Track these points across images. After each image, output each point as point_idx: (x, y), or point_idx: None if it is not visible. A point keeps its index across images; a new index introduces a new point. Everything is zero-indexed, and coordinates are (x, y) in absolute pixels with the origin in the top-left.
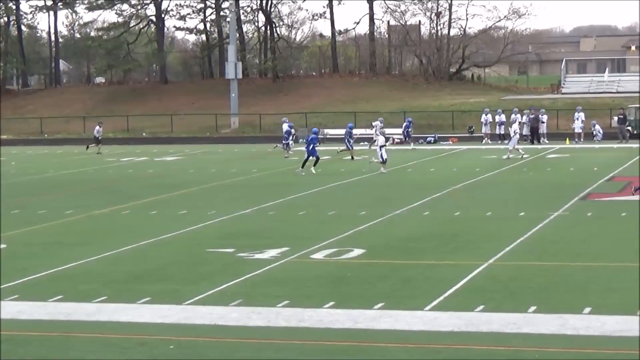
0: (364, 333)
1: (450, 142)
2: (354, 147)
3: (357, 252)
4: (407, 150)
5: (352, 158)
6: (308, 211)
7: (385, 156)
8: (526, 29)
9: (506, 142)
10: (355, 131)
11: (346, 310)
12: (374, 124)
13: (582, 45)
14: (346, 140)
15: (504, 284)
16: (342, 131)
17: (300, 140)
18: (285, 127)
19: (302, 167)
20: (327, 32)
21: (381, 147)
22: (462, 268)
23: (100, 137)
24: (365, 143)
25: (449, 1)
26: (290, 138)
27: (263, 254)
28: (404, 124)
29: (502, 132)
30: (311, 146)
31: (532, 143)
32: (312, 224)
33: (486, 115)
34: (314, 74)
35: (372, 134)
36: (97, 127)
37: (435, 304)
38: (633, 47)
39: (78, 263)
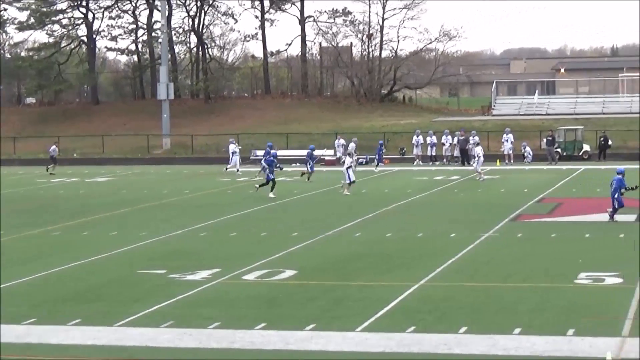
0: (296, 354)
1: (382, 163)
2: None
3: (289, 273)
4: (338, 172)
5: (308, 179)
6: (239, 232)
7: (353, 177)
8: (457, 51)
9: (437, 163)
10: (285, 153)
11: (277, 331)
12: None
13: (513, 68)
14: (306, 162)
15: (435, 304)
16: (281, 152)
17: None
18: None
19: (272, 190)
20: (259, 54)
21: (348, 168)
22: (393, 289)
23: (56, 156)
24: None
25: (381, 23)
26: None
27: (195, 275)
28: (378, 146)
29: (434, 154)
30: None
31: (463, 164)
32: (243, 245)
33: (417, 136)
34: (246, 95)
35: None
36: (53, 147)
37: (367, 325)
38: (562, 70)
39: (7, 285)
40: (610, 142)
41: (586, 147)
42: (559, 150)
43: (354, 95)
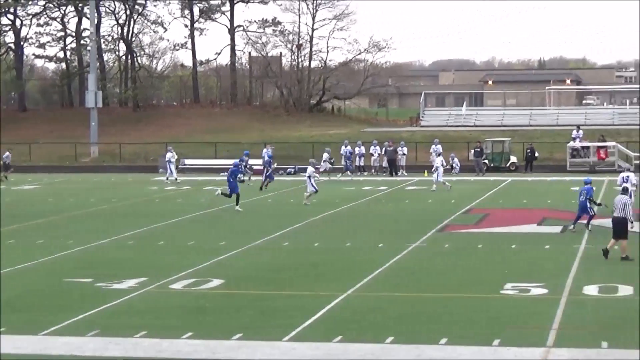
0: None
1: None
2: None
3: (216, 282)
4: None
5: (262, 188)
6: (167, 241)
7: (316, 187)
8: (386, 62)
9: (366, 173)
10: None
11: (204, 340)
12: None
13: (441, 79)
14: (264, 170)
15: (362, 314)
16: (203, 162)
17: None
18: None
19: (237, 203)
20: (189, 62)
21: (309, 177)
22: (321, 299)
23: (9, 163)
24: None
25: (310, 33)
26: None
27: (121, 284)
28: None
29: (362, 164)
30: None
31: (391, 175)
32: (171, 254)
33: (346, 147)
34: (175, 103)
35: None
36: (7, 153)
37: (294, 335)
38: (490, 82)
39: None
40: (537, 154)
41: (513, 159)
42: (486, 161)
43: (283, 105)
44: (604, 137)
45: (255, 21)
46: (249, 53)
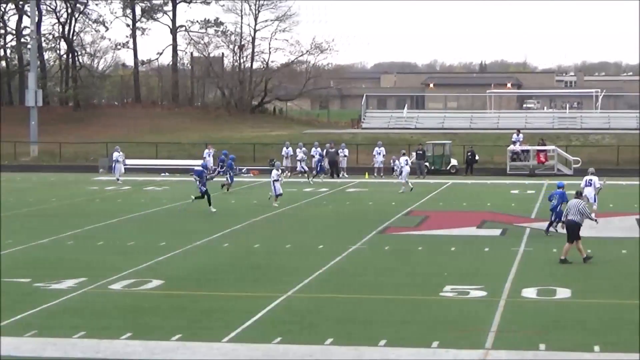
0: None
1: (251, 175)
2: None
3: (156, 283)
4: (209, 182)
5: (228, 189)
6: (107, 242)
7: (280, 190)
8: (328, 64)
9: (306, 175)
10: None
11: (143, 341)
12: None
13: (383, 82)
14: (227, 172)
15: (301, 315)
16: (144, 162)
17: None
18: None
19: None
20: (130, 62)
21: (274, 181)
22: (260, 300)
23: None
24: (166, 174)
25: (252, 34)
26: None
27: (60, 284)
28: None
29: (304, 166)
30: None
31: (332, 177)
32: (110, 254)
33: (287, 148)
34: (116, 103)
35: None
36: None
37: (233, 336)
38: (432, 85)
39: None
40: (477, 157)
41: (454, 162)
42: (427, 164)
43: (224, 105)
44: (543, 140)
45: (197, 21)
46: (191, 53)
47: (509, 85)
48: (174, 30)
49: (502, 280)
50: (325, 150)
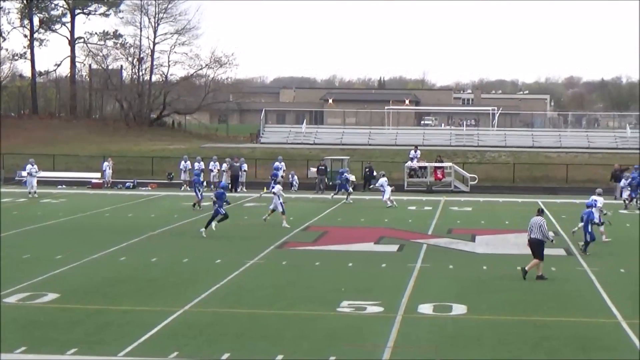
0: None
1: (149, 188)
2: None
3: (52, 296)
4: (107, 195)
5: (199, 207)
6: (1, 254)
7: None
8: (227, 78)
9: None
10: (50, 175)
11: (38, 355)
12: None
13: (282, 96)
14: (195, 189)
15: (199, 330)
16: (41, 174)
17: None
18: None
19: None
20: (28, 73)
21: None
22: (157, 314)
23: None
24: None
25: (152, 47)
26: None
27: None
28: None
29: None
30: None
31: (231, 191)
32: (5, 267)
33: (185, 162)
34: (12, 114)
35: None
36: None
37: (130, 350)
38: (331, 100)
39: None
40: (375, 173)
41: (352, 178)
42: (326, 179)
43: (123, 118)
44: (441, 157)
45: (96, 33)
46: (89, 65)
47: (407, 101)
48: (72, 42)
49: (398, 296)
50: (229, 164)
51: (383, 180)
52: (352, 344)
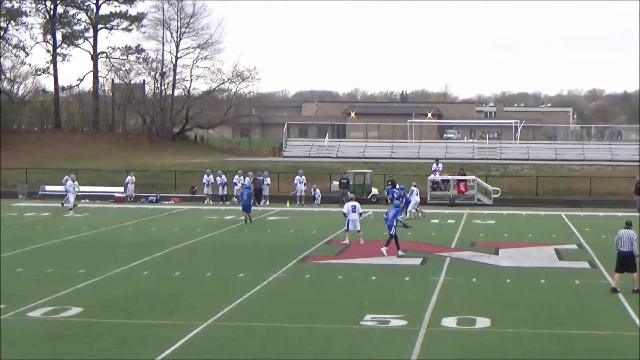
0: None
1: (172, 202)
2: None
3: (75, 310)
4: (130, 210)
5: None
6: (25, 269)
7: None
8: (250, 92)
9: (227, 202)
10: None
11: None
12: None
13: (304, 110)
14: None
15: (221, 344)
16: (64, 188)
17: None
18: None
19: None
20: (51, 88)
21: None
22: (180, 328)
23: None
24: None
25: (174, 62)
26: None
27: None
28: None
29: (225, 193)
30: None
31: (255, 204)
32: (29, 281)
33: (208, 176)
34: (36, 129)
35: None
36: None
37: None
38: (353, 114)
39: None
40: (397, 186)
41: (374, 191)
42: (348, 192)
43: (145, 132)
44: (464, 170)
45: (118, 48)
46: (112, 80)
47: (429, 115)
48: (95, 57)
49: (422, 310)
50: (253, 178)
51: (414, 191)
52: (376, 357)
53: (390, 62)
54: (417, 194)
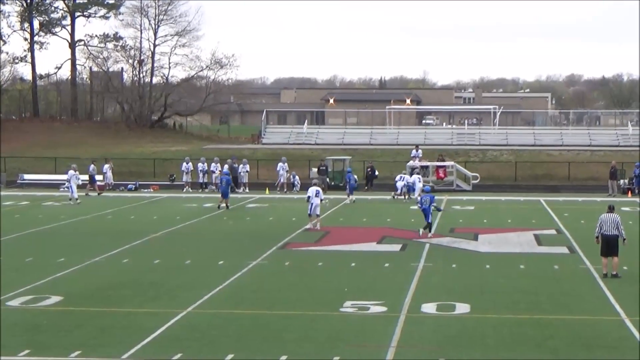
0: None
1: (151, 190)
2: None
3: (54, 299)
4: (108, 198)
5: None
6: (4, 258)
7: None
8: (228, 79)
9: (207, 190)
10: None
11: (42, 358)
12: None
13: (283, 97)
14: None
15: (202, 332)
16: (42, 177)
17: None
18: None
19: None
20: (28, 76)
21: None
22: (160, 316)
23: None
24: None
25: (152, 49)
26: None
27: None
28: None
29: (205, 181)
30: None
31: (232, 192)
32: (7, 270)
33: (187, 163)
34: (14, 117)
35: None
36: (92, 166)
37: (133, 352)
38: (332, 100)
39: None
40: (377, 173)
41: (354, 177)
42: (327, 179)
43: (124, 120)
44: (443, 156)
45: (96, 36)
46: (90, 68)
47: (408, 101)
48: (72, 45)
49: (402, 296)
50: (229, 165)
51: (415, 178)
52: (356, 344)
53: (369, 48)
54: (419, 181)
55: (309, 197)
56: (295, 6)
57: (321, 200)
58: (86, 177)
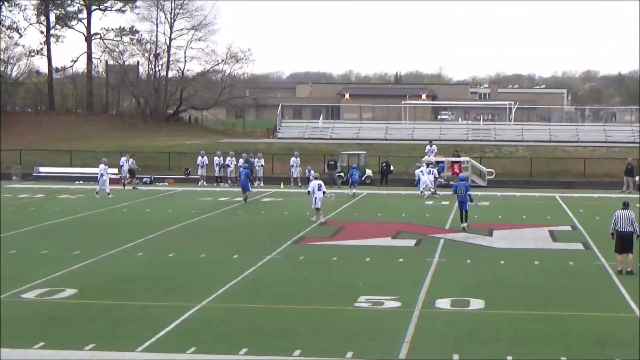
0: None
1: (167, 184)
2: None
3: (69, 292)
4: (126, 191)
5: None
6: (19, 250)
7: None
8: (244, 73)
9: (222, 184)
10: (68, 170)
11: (56, 350)
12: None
13: (299, 92)
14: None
15: (216, 326)
16: (57, 169)
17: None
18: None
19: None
20: (45, 69)
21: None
22: (174, 310)
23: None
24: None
25: (168, 43)
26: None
27: None
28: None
29: (220, 175)
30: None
31: (251, 184)
32: (23, 263)
33: (202, 157)
34: (29, 110)
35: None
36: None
37: (147, 346)
38: (347, 95)
39: None
40: (392, 168)
41: (369, 172)
42: (342, 174)
43: (139, 114)
44: (458, 152)
45: (112, 29)
46: (106, 61)
47: (423, 96)
48: (88, 38)
49: (416, 291)
50: (245, 159)
51: (425, 170)
52: (370, 339)
53: (385, 43)
54: (430, 173)
55: (308, 191)
56: (311, 1)
57: (324, 193)
58: (115, 170)
